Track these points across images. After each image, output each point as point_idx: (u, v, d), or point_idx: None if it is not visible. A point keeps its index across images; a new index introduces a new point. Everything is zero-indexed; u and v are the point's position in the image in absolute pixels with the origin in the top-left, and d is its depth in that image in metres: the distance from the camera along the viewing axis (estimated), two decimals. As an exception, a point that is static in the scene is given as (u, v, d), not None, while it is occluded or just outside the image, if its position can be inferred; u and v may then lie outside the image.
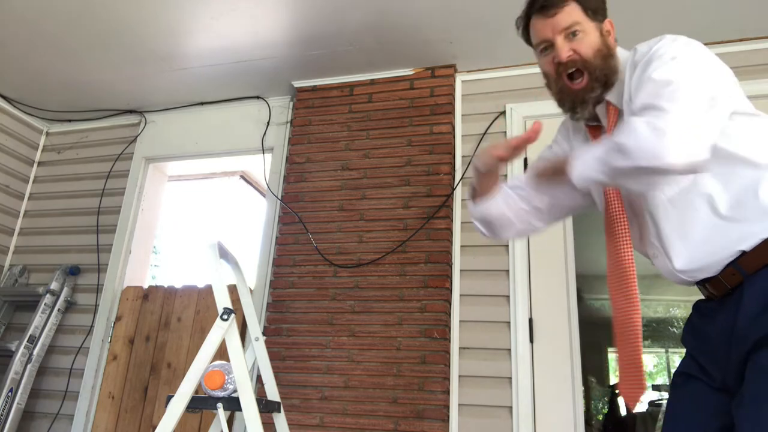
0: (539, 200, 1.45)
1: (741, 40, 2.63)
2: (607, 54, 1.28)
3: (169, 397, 1.59)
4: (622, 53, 1.34)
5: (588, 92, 1.28)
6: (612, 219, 1.28)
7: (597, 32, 1.29)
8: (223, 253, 1.86)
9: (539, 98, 2.84)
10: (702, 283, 1.22)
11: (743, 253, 1.12)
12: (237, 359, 1.63)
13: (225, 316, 1.66)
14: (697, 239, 1.17)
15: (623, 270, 1.23)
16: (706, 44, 2.81)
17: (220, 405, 1.64)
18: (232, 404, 1.63)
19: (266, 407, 1.74)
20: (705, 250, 1.16)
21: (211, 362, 1.67)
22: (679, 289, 1.37)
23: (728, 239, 1.13)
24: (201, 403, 1.65)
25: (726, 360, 1.14)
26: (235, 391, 1.63)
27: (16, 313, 3.40)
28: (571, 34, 1.28)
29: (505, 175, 2.78)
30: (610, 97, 1.29)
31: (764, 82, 2.57)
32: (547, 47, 1.33)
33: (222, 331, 1.65)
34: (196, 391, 1.63)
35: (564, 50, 1.27)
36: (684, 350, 1.30)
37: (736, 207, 1.13)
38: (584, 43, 1.27)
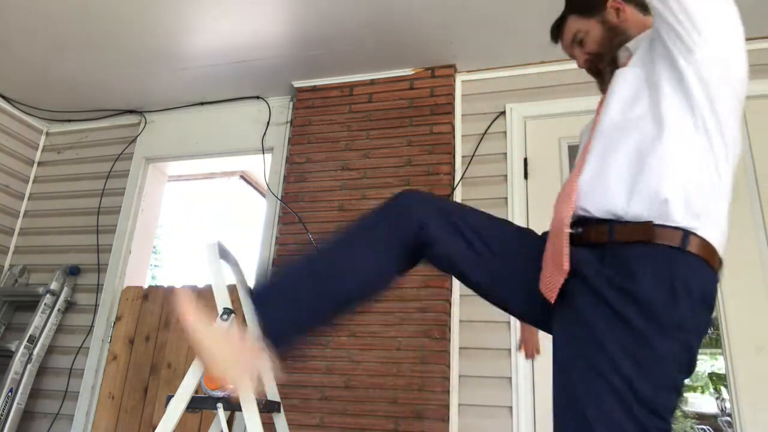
0: None
1: (741, 40, 2.63)
2: (612, 36, 1.41)
3: (169, 397, 1.59)
4: None
5: (603, 73, 1.44)
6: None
7: (598, 25, 1.42)
8: (223, 253, 1.86)
9: (539, 98, 2.84)
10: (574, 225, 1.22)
11: (623, 221, 1.13)
12: (237, 359, 1.63)
13: (225, 316, 1.66)
14: (609, 177, 1.17)
15: (572, 176, 1.25)
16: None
17: (220, 405, 1.64)
18: (232, 404, 1.63)
19: (266, 407, 1.74)
20: (608, 190, 1.17)
21: (211, 362, 1.66)
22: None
23: (620, 198, 1.14)
24: (201, 403, 1.65)
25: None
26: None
27: (16, 313, 3.40)
28: (578, 43, 1.45)
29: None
30: (630, 44, 1.37)
31: (764, 83, 2.57)
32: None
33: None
34: (196, 391, 1.63)
35: (579, 60, 1.48)
36: None
37: (653, 181, 1.13)
38: (590, 43, 1.43)
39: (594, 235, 1.16)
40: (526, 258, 1.27)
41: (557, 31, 1.51)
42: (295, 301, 1.23)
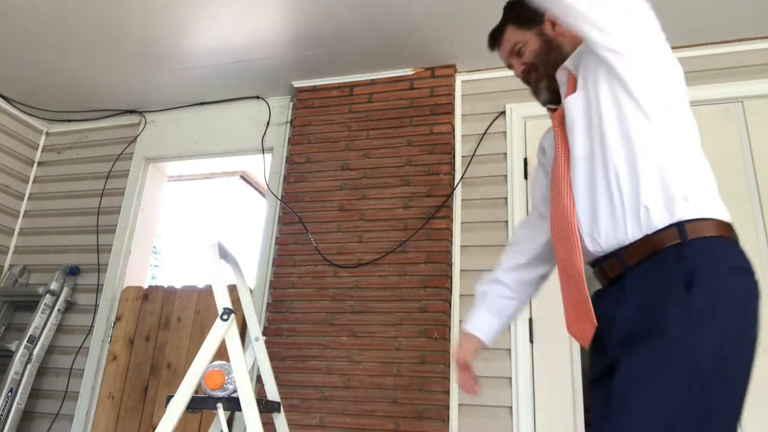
0: (535, 246, 1.56)
1: (741, 40, 2.63)
2: (548, 49, 1.46)
3: (169, 397, 1.59)
4: None
5: (538, 82, 1.49)
6: (557, 166, 1.34)
7: (536, 37, 1.47)
8: (223, 253, 1.86)
9: (539, 98, 2.84)
10: (595, 266, 1.27)
11: (626, 246, 1.17)
12: (237, 359, 1.63)
13: (225, 316, 1.66)
14: (601, 214, 1.22)
15: (564, 215, 1.28)
16: (706, 44, 2.81)
17: (220, 405, 1.64)
18: (232, 404, 1.63)
19: (266, 407, 1.74)
20: (604, 227, 1.21)
21: (211, 362, 1.67)
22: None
23: (618, 227, 1.18)
24: (201, 403, 1.65)
25: (608, 346, 1.18)
26: (235, 391, 1.63)
27: (16, 313, 3.40)
28: (516, 53, 1.51)
29: (505, 176, 2.78)
30: (569, 64, 1.41)
31: (764, 82, 2.57)
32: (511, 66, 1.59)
33: (222, 331, 1.65)
34: (196, 391, 1.63)
35: (516, 70, 1.53)
36: None
37: (633, 197, 1.17)
38: (527, 54, 1.48)
39: (611, 271, 1.20)
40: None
41: (495, 39, 1.57)
42: None
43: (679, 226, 1.11)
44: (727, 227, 1.15)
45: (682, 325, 1.04)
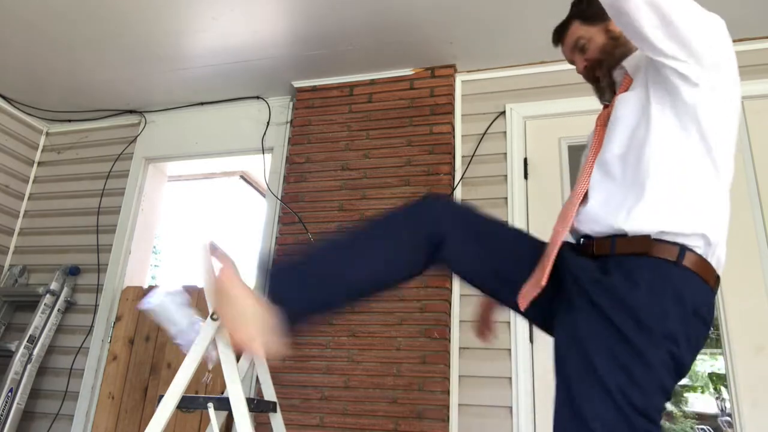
0: None
1: (741, 40, 2.62)
2: (614, 46, 1.42)
3: (161, 397, 1.59)
4: None
5: (600, 81, 1.47)
6: (586, 160, 1.36)
7: (602, 33, 1.43)
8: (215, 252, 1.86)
9: (539, 98, 2.84)
10: (581, 240, 1.30)
11: (624, 235, 1.18)
12: (226, 357, 1.63)
13: (215, 316, 1.66)
14: (613, 203, 1.23)
15: (572, 199, 1.30)
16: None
17: (210, 404, 1.64)
18: (223, 404, 1.63)
19: (257, 407, 1.74)
20: (614, 209, 1.22)
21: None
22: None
23: (625, 216, 1.19)
24: (191, 403, 1.65)
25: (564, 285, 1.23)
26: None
27: (16, 313, 3.40)
28: (580, 49, 1.46)
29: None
30: (627, 64, 1.40)
31: (764, 82, 2.56)
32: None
33: (212, 330, 1.65)
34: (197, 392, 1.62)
35: (578, 66, 1.49)
36: None
37: (653, 215, 1.18)
38: (591, 50, 1.45)
39: (597, 248, 1.22)
40: (531, 264, 1.32)
41: (560, 34, 1.52)
42: (310, 284, 1.27)
43: (682, 248, 1.13)
44: (716, 280, 1.19)
45: (648, 334, 1.09)
